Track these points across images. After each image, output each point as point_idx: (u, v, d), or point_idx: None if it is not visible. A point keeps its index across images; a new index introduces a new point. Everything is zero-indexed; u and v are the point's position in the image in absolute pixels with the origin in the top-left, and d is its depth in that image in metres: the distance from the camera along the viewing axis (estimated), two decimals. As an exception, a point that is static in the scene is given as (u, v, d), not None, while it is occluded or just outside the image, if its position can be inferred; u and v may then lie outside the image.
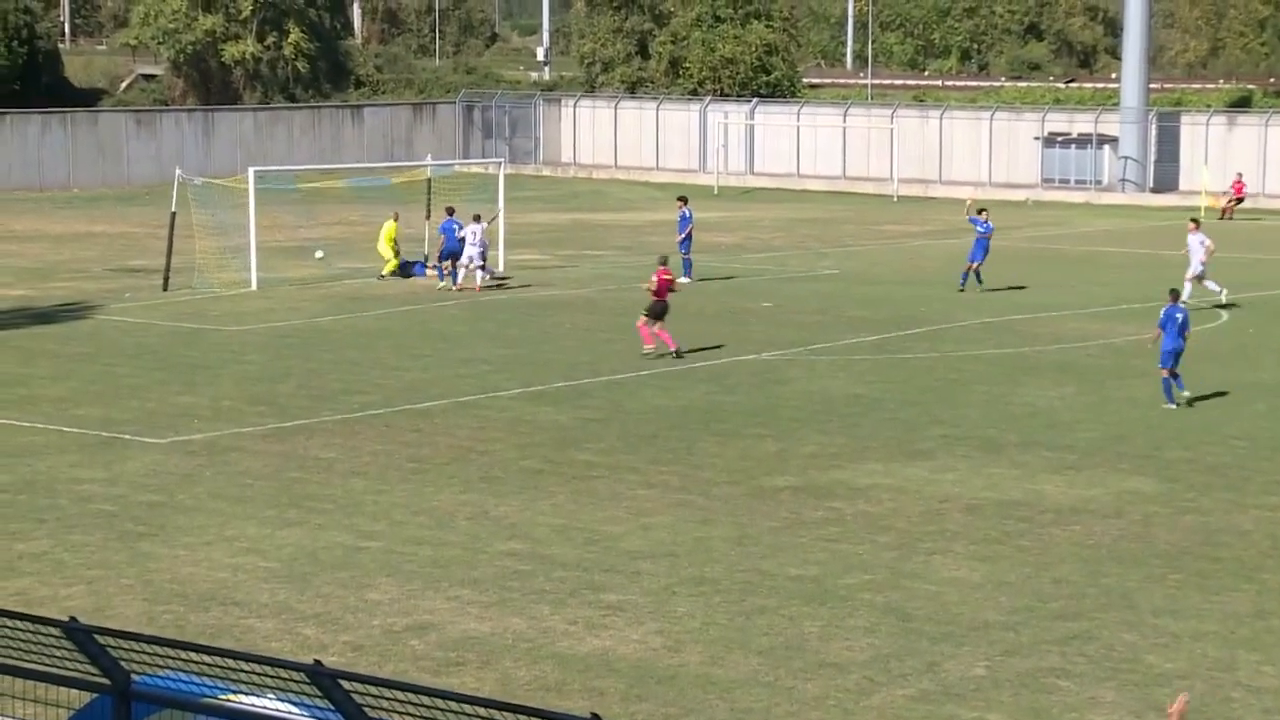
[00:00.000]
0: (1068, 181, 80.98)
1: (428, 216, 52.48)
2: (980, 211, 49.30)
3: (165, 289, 47.01)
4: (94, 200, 74.64)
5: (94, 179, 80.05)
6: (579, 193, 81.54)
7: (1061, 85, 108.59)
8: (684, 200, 52.30)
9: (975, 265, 47.79)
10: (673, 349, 37.29)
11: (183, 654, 9.93)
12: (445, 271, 48.54)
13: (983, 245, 47.72)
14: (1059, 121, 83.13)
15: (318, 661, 9.50)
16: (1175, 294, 33.94)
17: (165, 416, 31.53)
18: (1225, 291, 45.19)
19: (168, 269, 47.56)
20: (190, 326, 41.55)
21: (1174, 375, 32.96)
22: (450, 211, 49.72)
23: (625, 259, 56.12)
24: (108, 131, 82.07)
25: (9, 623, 10.20)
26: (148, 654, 10.04)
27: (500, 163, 57.24)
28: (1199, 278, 44.76)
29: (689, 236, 50.76)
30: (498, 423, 31.14)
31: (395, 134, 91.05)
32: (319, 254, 50.14)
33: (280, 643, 19.39)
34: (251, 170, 50.43)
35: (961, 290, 47.37)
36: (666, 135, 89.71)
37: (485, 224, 48.24)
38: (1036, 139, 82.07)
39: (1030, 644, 19.58)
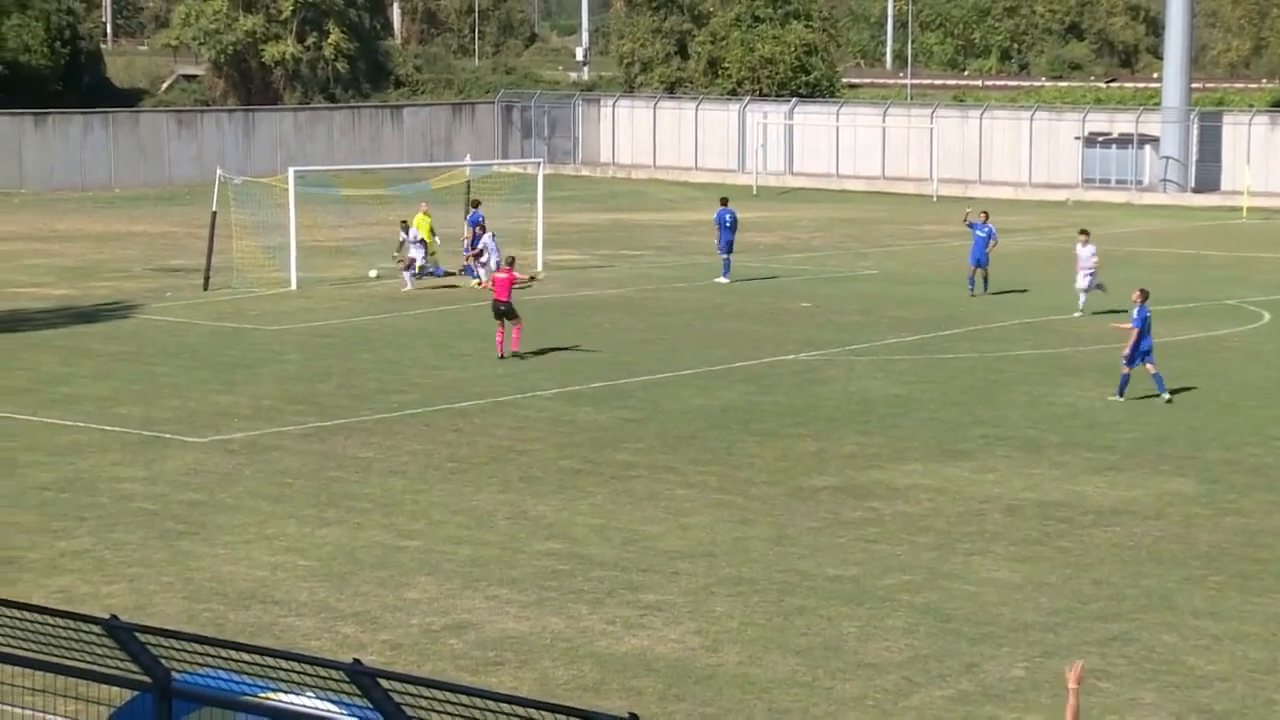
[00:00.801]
0: (1108, 182, 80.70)
1: (467, 215, 52.50)
2: (982, 214, 48.84)
3: (205, 288, 47.18)
4: (135, 200, 74.95)
5: (135, 179, 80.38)
6: (618, 193, 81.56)
7: (1102, 85, 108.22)
8: (725, 201, 52.21)
9: (982, 269, 47.38)
10: (501, 350, 37.03)
11: (223, 652, 9.96)
12: (476, 268, 48.55)
13: (982, 245, 47.31)
14: (1100, 121, 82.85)
15: (357, 660, 9.52)
16: (1145, 294, 33.90)
17: (205, 415, 31.64)
18: (1082, 309, 43.52)
19: (208, 268, 47.73)
20: (230, 326, 41.69)
21: (1129, 371, 33.32)
22: (476, 204, 49.78)
23: (664, 259, 56.11)
24: (149, 132, 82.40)
25: (51, 620, 10.25)
26: (188, 652, 10.08)
27: (539, 163, 57.29)
28: (1087, 289, 43.28)
29: (726, 235, 50.58)
30: (536, 422, 31.16)
31: (434, 134, 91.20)
32: (373, 273, 50.27)
33: (319, 641, 19.45)
34: (291, 170, 50.56)
35: (972, 294, 47.06)
36: (705, 135, 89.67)
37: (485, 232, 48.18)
38: (1077, 139, 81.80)
39: (1070, 645, 19.51)
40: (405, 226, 48.63)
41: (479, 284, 44.88)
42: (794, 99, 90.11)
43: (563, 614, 20.49)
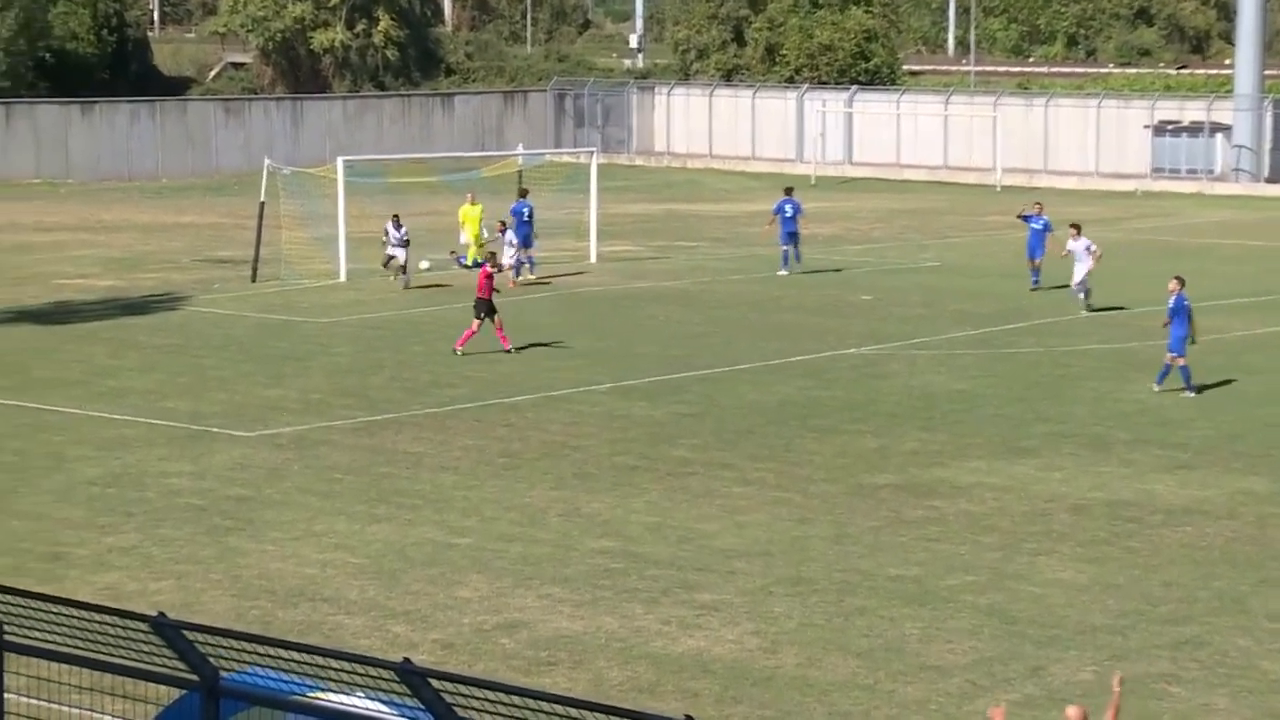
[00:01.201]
0: (1178, 171, 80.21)
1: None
2: (1036, 206, 48.44)
3: (254, 280, 47.36)
4: (182, 190, 75.33)
5: (182, 168, 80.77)
6: (673, 183, 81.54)
7: (1172, 72, 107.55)
8: (789, 190, 52.04)
9: (1038, 260, 47.07)
10: (505, 348, 36.92)
11: (271, 650, 9.99)
12: (524, 262, 48.54)
13: (1039, 238, 46.97)
14: (1169, 109, 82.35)
15: (407, 660, 9.53)
16: (1181, 281, 33.73)
17: (253, 409, 31.77)
18: (1086, 306, 42.71)
19: (256, 260, 47.91)
20: (279, 318, 41.84)
21: (1174, 360, 33.14)
22: (523, 194, 49.76)
23: (720, 251, 56.06)
24: (196, 120, 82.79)
25: (98, 617, 10.29)
26: (236, 650, 10.11)
27: (593, 152, 57.30)
28: (1084, 284, 42.45)
29: (787, 226, 50.44)
30: (590, 418, 31.18)
31: (486, 123, 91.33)
32: (425, 265, 50.33)
33: (369, 640, 19.50)
34: (340, 160, 50.69)
35: (1035, 288, 46.77)
36: (762, 124, 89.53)
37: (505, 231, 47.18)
38: (1146, 127, 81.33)
39: (1139, 649, 19.40)
40: (503, 227, 47.23)
41: (512, 283, 44.26)
42: (853, 86, 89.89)
43: (617, 613, 20.49)
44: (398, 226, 46.81)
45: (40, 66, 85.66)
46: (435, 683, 9.03)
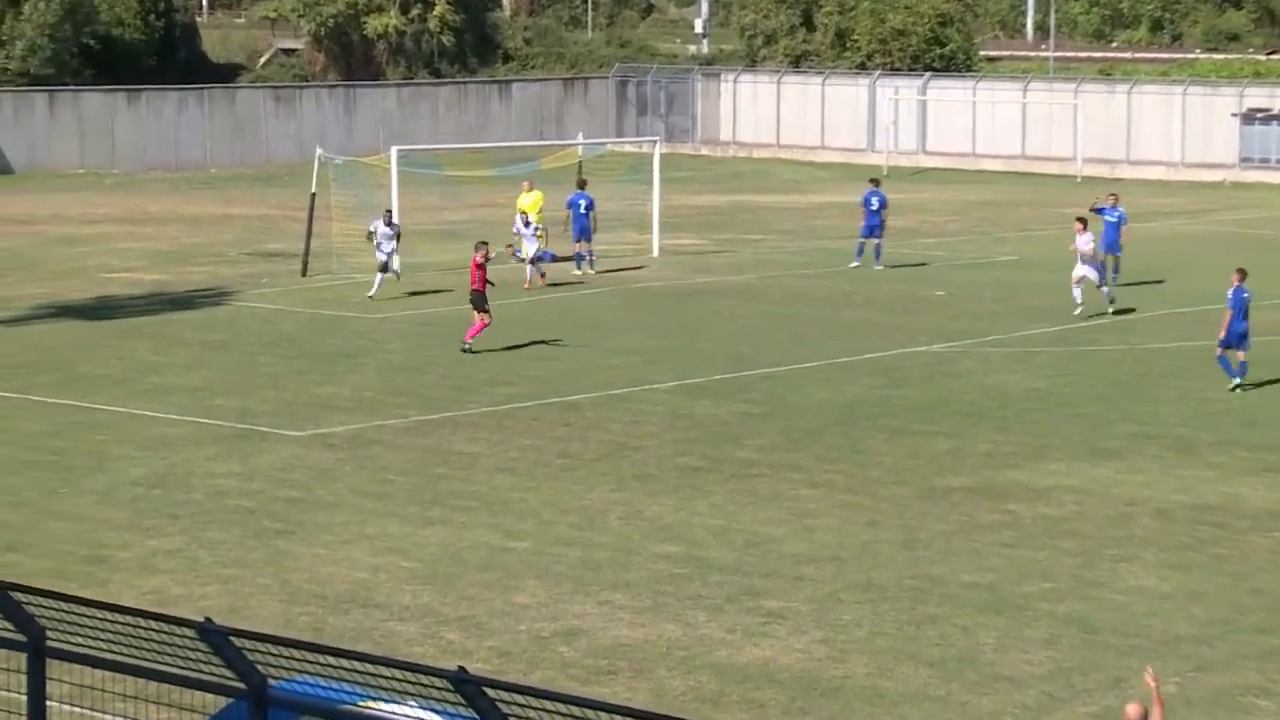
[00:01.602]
0: (1268, 161, 79.64)
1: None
2: (1111, 197, 47.93)
3: (304, 274, 47.55)
4: (231, 180, 75.70)
5: (231, 158, 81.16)
6: (739, 173, 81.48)
7: (1262, 57, 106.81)
8: (875, 182, 51.87)
9: (1114, 257, 46.66)
10: (467, 342, 36.79)
11: (321, 658, 10.02)
12: (583, 256, 48.59)
13: (1114, 231, 46.53)
14: (1259, 96, 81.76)
15: (461, 668, 9.54)
16: (1243, 273, 33.53)
17: (304, 408, 31.91)
18: (1081, 308, 41.42)
19: (307, 253, 48.10)
20: (330, 314, 42.00)
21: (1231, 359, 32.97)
22: (582, 185, 49.74)
23: (788, 243, 55.99)
24: (246, 108, 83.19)
25: (143, 623, 10.35)
26: (285, 657, 10.14)
27: (655, 141, 57.29)
28: (1093, 279, 41.56)
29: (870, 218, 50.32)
30: (652, 417, 31.19)
31: (545, 111, 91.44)
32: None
33: (422, 647, 19.56)
34: (394, 149, 50.83)
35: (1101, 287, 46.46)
36: (832, 112, 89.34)
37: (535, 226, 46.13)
38: (1234, 115, 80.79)
39: (1226, 660, 19.28)
40: (526, 219, 46.34)
41: (527, 283, 43.84)
42: (928, 73, 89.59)
43: (679, 621, 20.49)
44: (389, 223, 43.89)
45: (85, 53, 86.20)
46: (491, 692, 9.04)
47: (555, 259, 50.66)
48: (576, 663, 19.25)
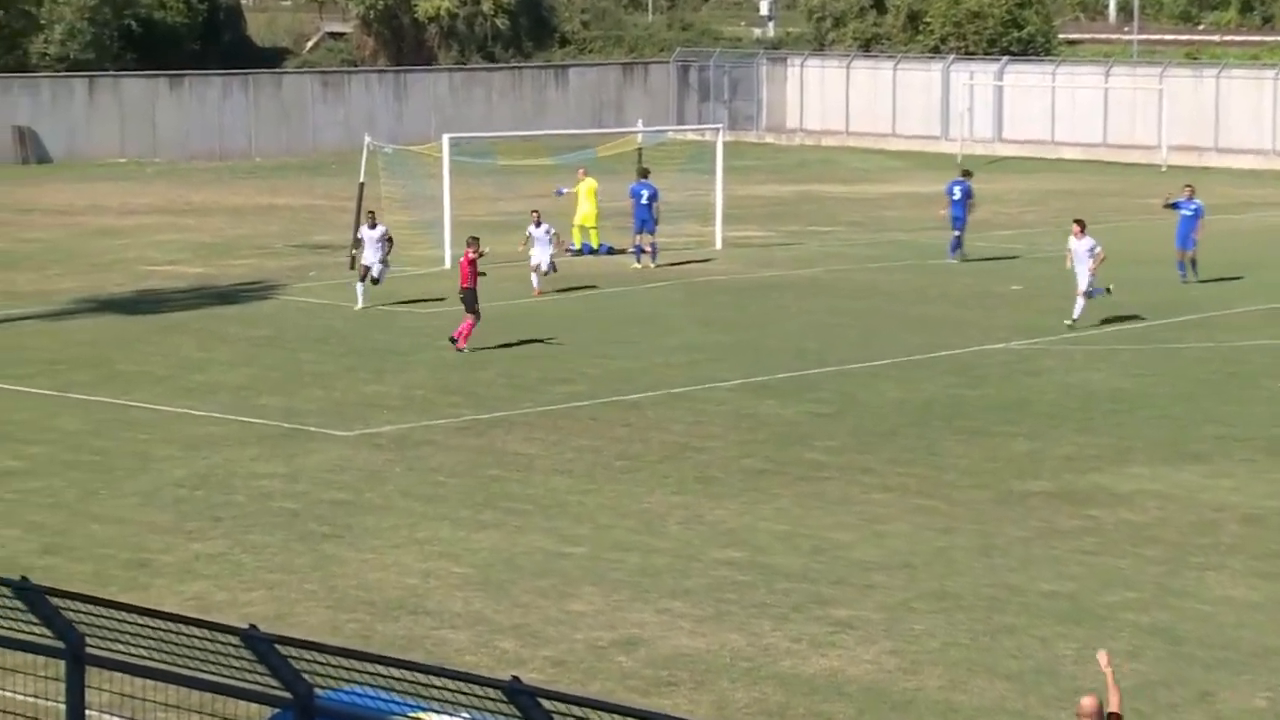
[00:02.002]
0: (1364, 149, 79.06)
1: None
2: (1186, 189, 47.50)
3: (352, 267, 47.60)
4: (277, 169, 76.02)
5: (277, 146, 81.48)
6: (806, 162, 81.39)
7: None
8: (967, 173, 51.70)
9: (1190, 252, 46.31)
10: (454, 338, 36.69)
11: (369, 667, 10.04)
12: (643, 249, 48.60)
13: (1190, 225, 46.18)
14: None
15: (515, 678, 9.55)
16: None
17: (352, 407, 32.01)
18: (1077, 318, 39.55)
19: (355, 245, 48.21)
20: (379, 308, 42.12)
21: None
22: (644, 174, 49.74)
23: (857, 236, 55.89)
24: (292, 94, 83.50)
25: (185, 629, 10.39)
26: (332, 666, 10.17)
27: (718, 129, 57.26)
28: (1088, 292, 39.56)
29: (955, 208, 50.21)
30: (715, 417, 31.17)
31: (603, 96, 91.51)
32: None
33: (475, 656, 19.59)
34: (446, 137, 50.92)
35: (1184, 282, 46.20)
36: (904, 98, 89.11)
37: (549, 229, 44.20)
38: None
39: (1318, 674, 19.16)
40: (538, 219, 44.47)
41: (537, 290, 43.58)
42: (1004, 57, 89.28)
43: (743, 630, 20.48)
44: (372, 226, 41.96)
45: (126, 36, 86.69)
46: (546, 703, 9.06)
47: (612, 251, 50.71)
48: (635, 673, 19.25)
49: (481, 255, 37.74)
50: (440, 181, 49.17)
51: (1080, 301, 39.52)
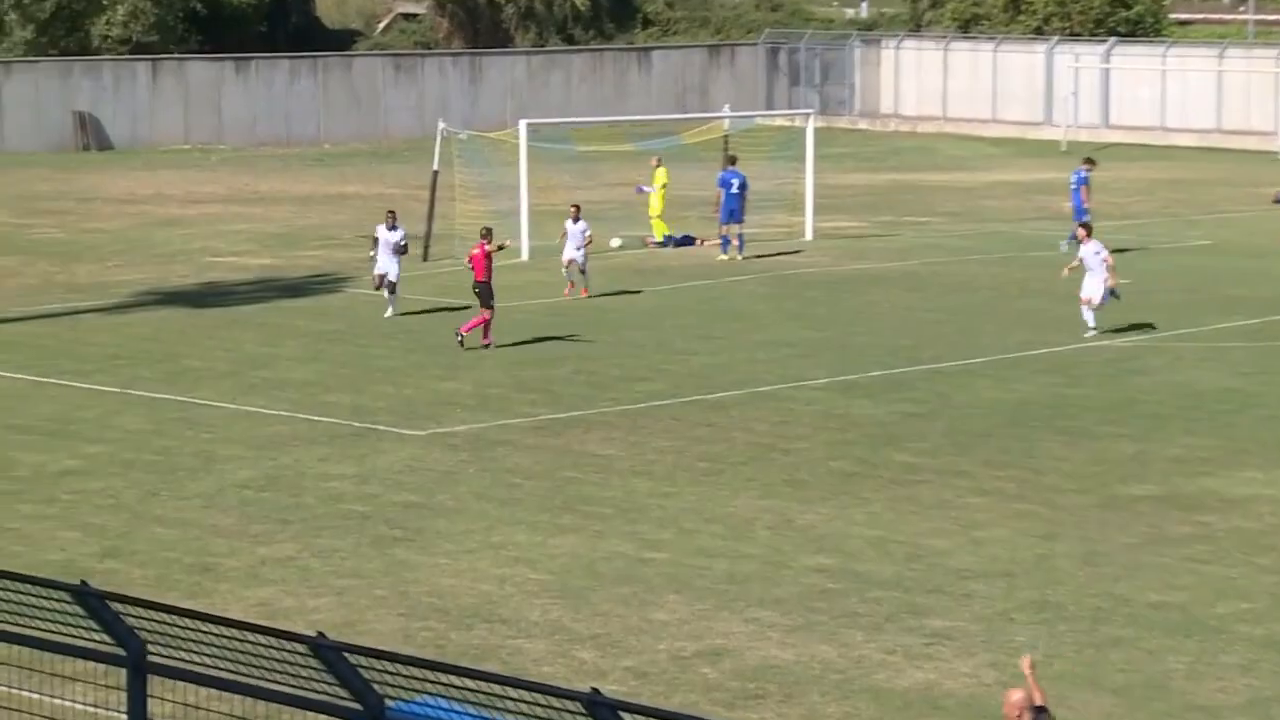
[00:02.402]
0: None
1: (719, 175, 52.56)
2: None
3: (425, 259, 47.84)
4: (346, 157, 76.32)
5: (347, 132, 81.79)
6: (900, 149, 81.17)
7: None
8: (1090, 162, 51.34)
9: None
10: (461, 333, 36.58)
11: (442, 677, 10.07)
12: (731, 239, 48.56)
13: None
14: None
15: (595, 690, 9.57)
16: None
17: (424, 405, 32.11)
18: (1096, 329, 37.94)
19: (428, 236, 48.39)
20: (453, 302, 42.21)
21: None
22: (732, 161, 49.66)
23: (954, 227, 55.69)
24: (363, 78, 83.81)
25: (251, 637, 10.44)
26: (403, 676, 10.21)
27: (809, 114, 57.15)
28: (1109, 294, 37.84)
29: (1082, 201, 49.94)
30: (803, 417, 31.13)
31: (687, 80, 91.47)
32: (615, 243, 50.57)
33: (553, 667, 19.63)
34: (523, 123, 51.01)
35: None
36: (1005, 82, 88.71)
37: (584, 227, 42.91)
38: None
39: None
40: (576, 214, 42.55)
41: (568, 290, 43.32)
42: (1111, 39, 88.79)
43: (834, 641, 20.45)
44: (392, 227, 40.42)
45: (191, 18, 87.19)
46: (627, 716, 9.06)
47: (692, 242, 50.67)
48: (720, 685, 19.24)
49: (500, 248, 37.81)
50: (517, 169, 49.26)
51: (1095, 306, 37.84)
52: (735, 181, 48.71)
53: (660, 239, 50.98)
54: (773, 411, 31.50)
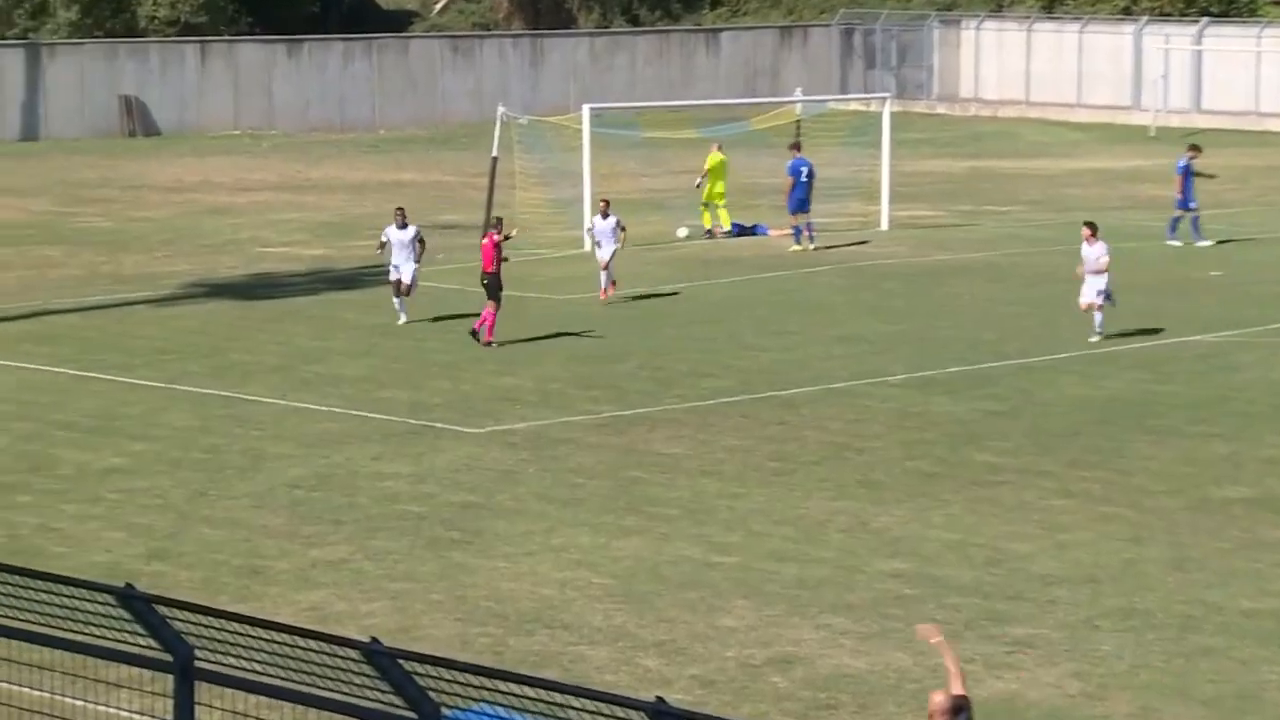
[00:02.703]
0: None
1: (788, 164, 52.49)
2: None
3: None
4: (402, 142, 76.51)
5: (402, 117, 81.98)
6: (981, 134, 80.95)
7: None
8: (1195, 149, 51.15)
9: None
10: (476, 330, 36.45)
11: (501, 685, 10.09)
12: (802, 230, 48.51)
13: None
14: None
15: (660, 699, 9.57)
16: None
17: (482, 401, 32.17)
18: (1100, 331, 36.80)
19: (487, 225, 48.39)
20: (511, 294, 42.24)
21: None
22: (796, 148, 49.60)
23: (1037, 216, 55.51)
24: (419, 61, 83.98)
25: (301, 642, 10.47)
26: (460, 684, 10.23)
27: (885, 98, 57.03)
28: (1098, 304, 36.70)
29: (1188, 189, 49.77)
30: (880, 414, 31.08)
31: (758, 63, 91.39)
32: (682, 232, 50.58)
33: (616, 675, 19.64)
34: (586, 107, 51.05)
35: None
36: (1091, 64, 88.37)
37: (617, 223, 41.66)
38: None
39: None
40: (605, 210, 41.62)
41: (603, 293, 42.99)
42: (1203, 19, 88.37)
43: (910, 649, 20.41)
44: (402, 225, 39.23)
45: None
46: (693, 727, 9.06)
47: (752, 231, 50.61)
48: (791, 695, 19.23)
49: (507, 239, 37.77)
50: (579, 156, 49.29)
51: (1097, 316, 36.84)
52: (805, 169, 48.68)
53: (727, 227, 50.91)
54: (847, 409, 31.45)
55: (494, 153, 49.65)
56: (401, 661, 10.46)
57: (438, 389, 33.07)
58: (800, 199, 48.55)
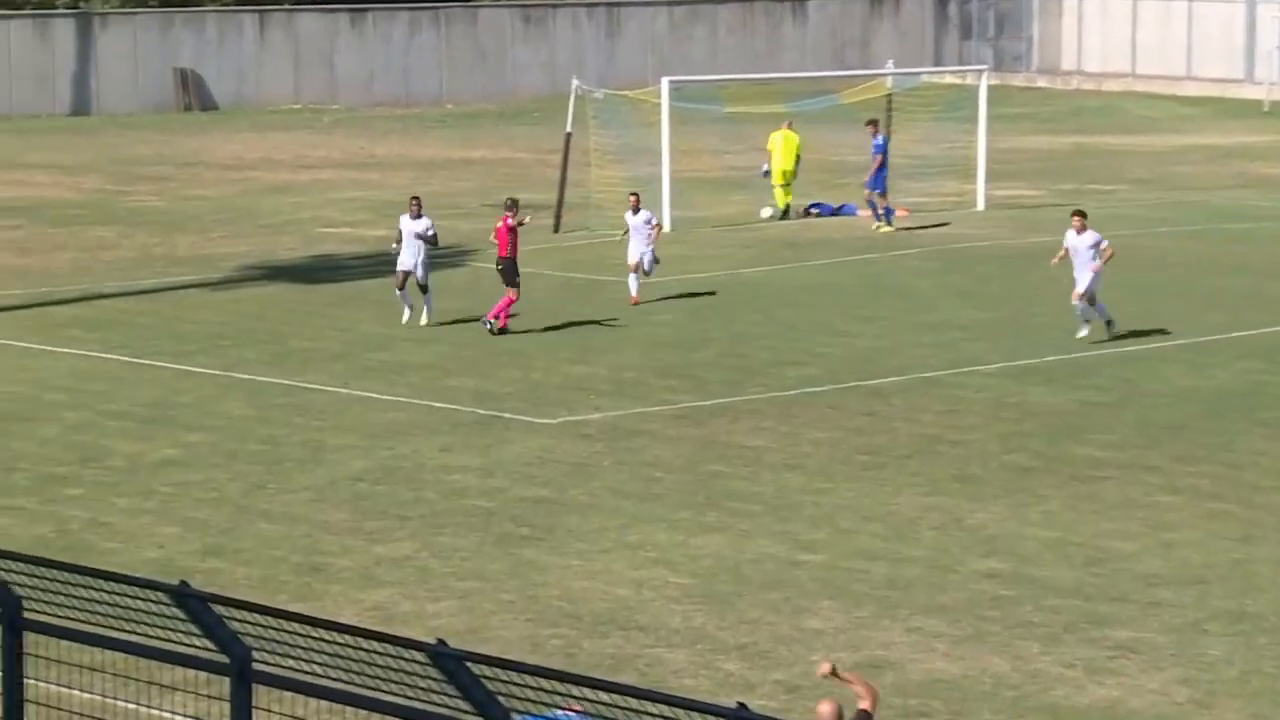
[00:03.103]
0: None
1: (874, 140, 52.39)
2: None
3: (556, 230, 48.00)
4: (471, 118, 76.65)
5: (471, 91, 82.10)
6: (1083, 109, 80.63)
7: None
8: None
9: None
10: (489, 320, 36.33)
11: (573, 689, 10.10)
12: (881, 210, 48.41)
13: None
14: None
15: (741, 705, 9.58)
16: None
17: (554, 390, 32.20)
18: (1088, 329, 35.57)
19: (559, 205, 48.51)
20: (586, 277, 42.34)
21: None
22: (873, 124, 49.49)
23: (1143, 196, 55.28)
24: (489, 32, 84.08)
25: (366, 643, 10.52)
26: (530, 688, 10.25)
27: (982, 71, 56.84)
28: (1089, 296, 35.56)
29: None
30: (974, 405, 31.01)
31: (846, 33, 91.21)
32: (766, 212, 50.54)
33: (695, 680, 19.66)
34: (665, 81, 51.01)
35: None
36: (1201, 34, 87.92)
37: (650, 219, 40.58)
38: None
39: None
40: (636, 204, 40.29)
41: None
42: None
43: (1007, 653, 20.38)
44: (416, 215, 37.89)
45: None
46: (776, 735, 9.07)
47: (833, 211, 50.55)
48: (881, 701, 19.18)
49: (523, 224, 37.69)
50: (658, 131, 49.27)
51: (1079, 305, 35.70)
52: (889, 147, 48.74)
53: (781, 208, 50.73)
54: (940, 400, 31.39)
55: (568, 129, 49.72)
56: (469, 664, 10.49)
57: (507, 377, 33.12)
58: (880, 178, 48.46)
